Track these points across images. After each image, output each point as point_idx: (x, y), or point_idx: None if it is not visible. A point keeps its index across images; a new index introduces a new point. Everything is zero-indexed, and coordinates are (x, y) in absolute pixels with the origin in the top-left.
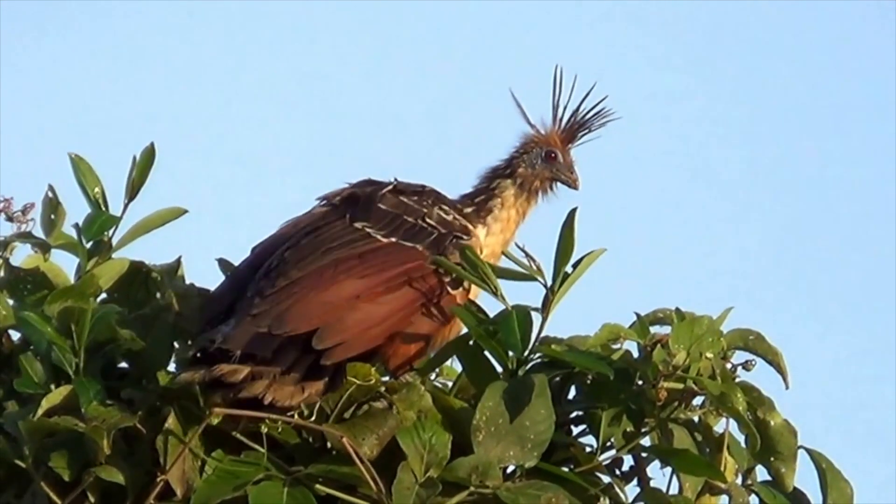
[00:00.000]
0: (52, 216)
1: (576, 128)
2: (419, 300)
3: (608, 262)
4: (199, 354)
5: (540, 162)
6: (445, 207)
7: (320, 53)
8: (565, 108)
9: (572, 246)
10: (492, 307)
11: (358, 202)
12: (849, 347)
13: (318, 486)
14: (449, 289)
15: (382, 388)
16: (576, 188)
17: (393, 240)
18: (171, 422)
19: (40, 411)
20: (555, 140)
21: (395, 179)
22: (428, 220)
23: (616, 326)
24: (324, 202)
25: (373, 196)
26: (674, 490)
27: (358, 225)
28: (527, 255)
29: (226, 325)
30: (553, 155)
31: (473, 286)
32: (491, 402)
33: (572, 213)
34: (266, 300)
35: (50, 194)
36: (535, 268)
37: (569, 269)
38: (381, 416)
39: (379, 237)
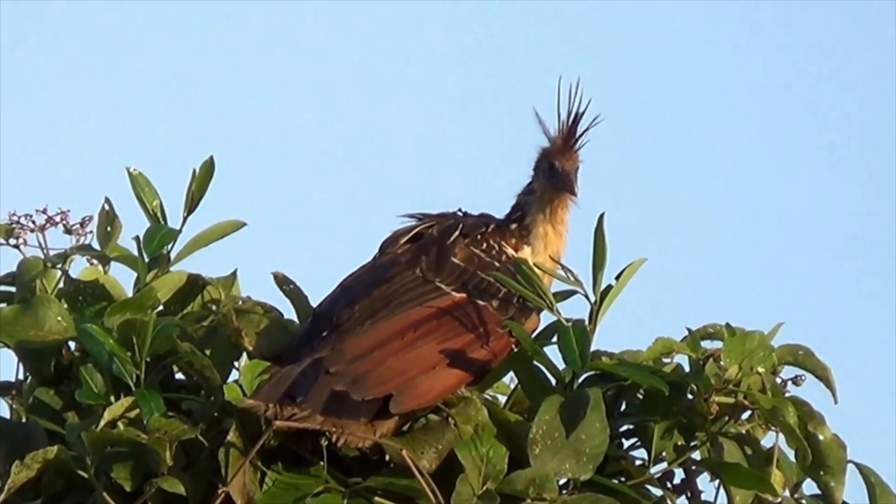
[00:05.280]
0: (109, 229)
1: (570, 135)
2: (491, 361)
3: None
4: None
5: (544, 175)
6: (511, 252)
7: (378, 70)
8: (563, 117)
9: (605, 253)
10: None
11: (425, 244)
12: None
13: (377, 498)
14: (514, 348)
15: (440, 402)
16: (574, 195)
17: (464, 295)
18: (232, 434)
19: (102, 422)
20: (556, 150)
21: (461, 211)
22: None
23: (669, 341)
24: (389, 246)
25: (443, 244)
26: (720, 503)
27: (430, 277)
28: (564, 268)
29: (297, 365)
30: (554, 166)
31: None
32: (547, 416)
33: (601, 219)
34: (340, 355)
35: (106, 207)
36: (573, 280)
37: (611, 280)
38: (439, 429)
39: (451, 291)
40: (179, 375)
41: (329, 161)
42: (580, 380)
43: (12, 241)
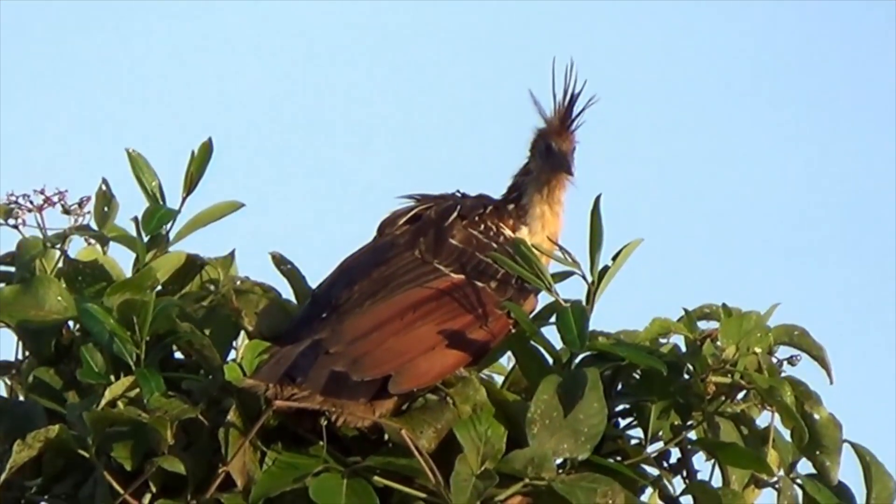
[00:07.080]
0: (106, 209)
1: (566, 116)
2: (490, 342)
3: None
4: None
5: (541, 156)
6: (508, 233)
7: (374, 51)
8: (559, 97)
9: (601, 233)
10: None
11: (423, 225)
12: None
13: (376, 477)
14: (513, 329)
15: (438, 383)
16: (570, 175)
17: (463, 276)
18: (232, 414)
19: (104, 402)
20: (553, 131)
21: (459, 192)
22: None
23: (666, 321)
24: (388, 227)
25: (441, 225)
26: (715, 482)
27: (428, 259)
28: (561, 249)
29: (296, 346)
30: (549, 146)
31: None
32: (545, 396)
33: (597, 200)
34: (340, 336)
35: (103, 187)
36: (570, 261)
37: (608, 261)
38: (438, 409)
39: (449, 273)
40: (178, 355)
41: (326, 142)
42: (578, 360)
43: (11, 222)
